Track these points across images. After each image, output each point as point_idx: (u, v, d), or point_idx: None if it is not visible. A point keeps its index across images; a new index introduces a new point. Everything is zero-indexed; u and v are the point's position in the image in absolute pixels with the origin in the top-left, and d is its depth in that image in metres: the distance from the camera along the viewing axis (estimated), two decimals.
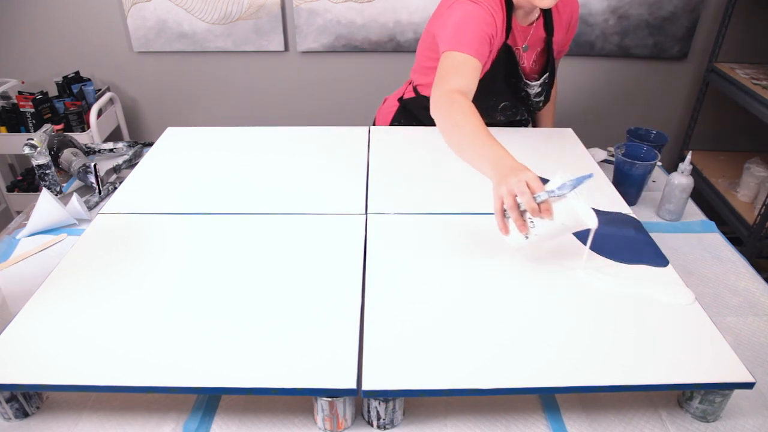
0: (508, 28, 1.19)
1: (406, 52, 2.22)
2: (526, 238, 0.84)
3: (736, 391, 0.73)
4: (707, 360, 0.71)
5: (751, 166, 1.95)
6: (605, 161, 1.37)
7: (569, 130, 1.39)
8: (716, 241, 1.10)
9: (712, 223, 1.15)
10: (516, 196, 0.80)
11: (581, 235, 0.93)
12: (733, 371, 0.70)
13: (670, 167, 1.29)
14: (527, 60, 1.29)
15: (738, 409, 0.74)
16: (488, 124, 1.37)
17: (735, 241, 1.26)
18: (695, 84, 2.26)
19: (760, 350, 0.84)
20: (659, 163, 1.36)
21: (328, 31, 2.17)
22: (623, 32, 2.14)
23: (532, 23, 1.25)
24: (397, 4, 2.11)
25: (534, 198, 0.79)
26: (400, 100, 1.47)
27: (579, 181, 0.78)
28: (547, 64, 1.32)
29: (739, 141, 2.36)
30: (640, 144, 1.21)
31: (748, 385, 0.69)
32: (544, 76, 1.31)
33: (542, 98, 1.36)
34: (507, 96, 1.31)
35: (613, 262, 0.89)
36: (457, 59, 1.09)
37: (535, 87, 1.31)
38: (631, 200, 1.18)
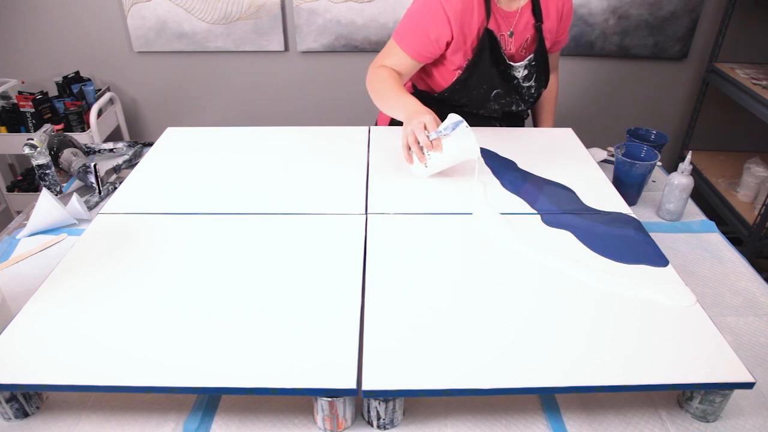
0: (488, 13, 1.20)
1: None
2: (426, 167, 1.09)
3: (736, 391, 0.73)
4: (707, 360, 0.71)
5: (751, 166, 1.95)
6: (605, 161, 1.37)
7: (569, 130, 1.39)
8: (716, 241, 1.10)
9: (712, 223, 1.15)
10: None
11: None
12: (733, 371, 0.70)
13: (670, 167, 1.29)
14: (514, 46, 1.28)
15: (738, 409, 0.74)
16: (486, 116, 1.39)
17: (735, 241, 1.26)
18: (695, 84, 2.26)
19: (760, 350, 0.84)
20: (659, 163, 1.36)
21: (328, 31, 2.17)
22: (623, 32, 2.14)
23: (518, 9, 1.24)
24: (397, 4, 2.11)
25: (428, 136, 1.03)
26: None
27: (455, 126, 1.03)
28: (537, 51, 1.31)
29: (739, 141, 2.36)
30: (640, 144, 1.21)
31: (748, 385, 0.69)
32: (528, 57, 1.30)
33: (532, 83, 1.35)
34: (498, 83, 1.30)
35: (613, 261, 0.89)
36: (394, 50, 1.25)
37: (520, 69, 1.31)
38: (631, 200, 1.19)
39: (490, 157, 1.23)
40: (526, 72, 1.32)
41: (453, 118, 1.04)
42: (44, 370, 0.69)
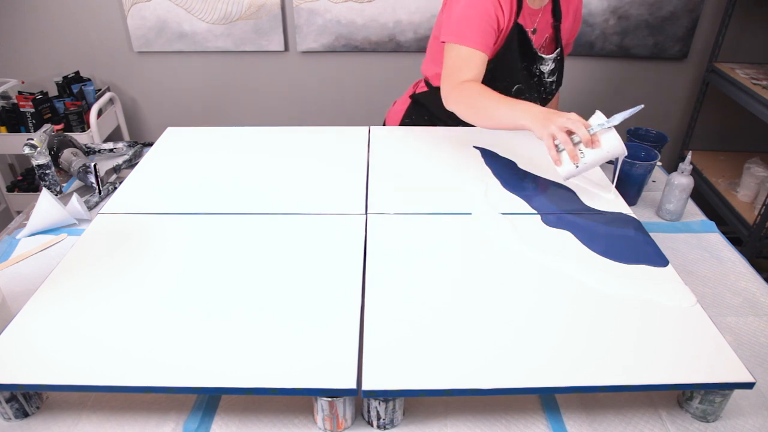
0: (519, 7, 1.20)
1: (406, 52, 2.22)
2: (576, 167, 0.99)
3: (736, 391, 0.73)
4: (707, 360, 0.71)
5: (751, 166, 1.95)
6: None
7: None
8: (716, 241, 1.10)
9: (712, 223, 1.15)
10: (566, 131, 0.96)
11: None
12: (733, 371, 0.70)
13: (670, 167, 1.29)
14: (536, 43, 1.30)
15: (738, 409, 0.74)
16: None
17: (735, 241, 1.26)
18: (695, 84, 2.26)
19: (760, 350, 0.84)
20: (659, 163, 1.36)
21: (328, 31, 2.17)
22: (623, 32, 2.14)
23: (541, 7, 1.26)
24: (397, 4, 2.11)
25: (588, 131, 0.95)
26: (412, 96, 1.47)
27: (632, 112, 0.96)
28: (557, 47, 1.33)
29: (739, 141, 2.36)
30: (640, 144, 1.22)
31: (748, 385, 0.69)
32: (557, 51, 1.32)
33: (554, 79, 1.37)
34: (521, 78, 1.31)
35: (613, 262, 0.89)
36: (462, 53, 1.14)
37: (549, 62, 1.32)
38: (631, 200, 1.19)
39: (490, 157, 1.23)
40: (553, 66, 1.33)
41: (600, 116, 0.98)
42: (44, 370, 0.69)
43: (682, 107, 2.33)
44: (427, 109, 1.43)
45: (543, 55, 1.30)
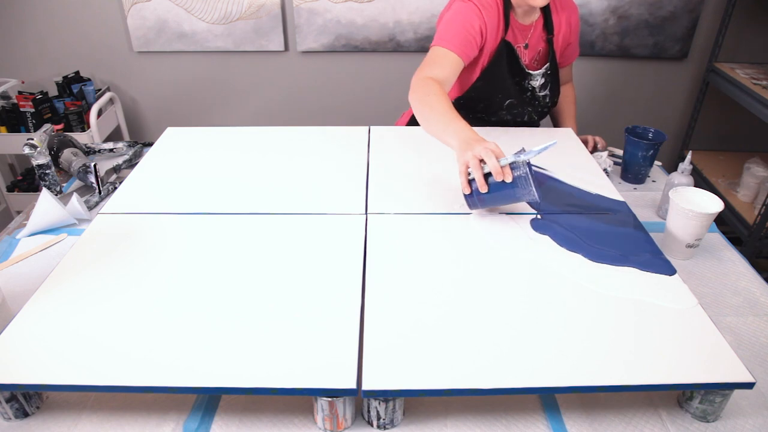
0: (507, 25, 1.25)
1: (406, 52, 2.22)
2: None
3: (736, 391, 0.73)
4: (707, 360, 0.71)
5: (751, 166, 1.95)
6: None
7: (569, 130, 1.39)
8: (716, 241, 1.10)
9: (712, 223, 1.15)
10: (480, 159, 0.92)
11: (574, 244, 0.94)
12: (733, 371, 0.70)
13: (670, 167, 1.29)
14: (528, 57, 1.33)
15: (738, 409, 0.74)
16: (495, 123, 1.40)
17: (735, 241, 1.26)
18: (695, 84, 2.26)
19: (760, 350, 0.84)
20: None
21: (328, 31, 2.17)
22: (623, 32, 2.14)
23: (532, 23, 1.30)
24: (397, 4, 2.11)
25: (498, 161, 0.91)
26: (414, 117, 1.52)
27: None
28: (551, 61, 1.36)
29: (739, 141, 2.36)
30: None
31: (748, 385, 0.69)
32: (545, 66, 1.35)
33: (547, 92, 1.39)
34: (512, 93, 1.34)
35: (613, 262, 0.89)
36: (438, 53, 1.20)
37: (537, 78, 1.35)
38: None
39: None
40: (542, 81, 1.37)
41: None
42: (44, 370, 0.69)
43: (682, 107, 2.33)
44: None
45: (531, 71, 1.33)
